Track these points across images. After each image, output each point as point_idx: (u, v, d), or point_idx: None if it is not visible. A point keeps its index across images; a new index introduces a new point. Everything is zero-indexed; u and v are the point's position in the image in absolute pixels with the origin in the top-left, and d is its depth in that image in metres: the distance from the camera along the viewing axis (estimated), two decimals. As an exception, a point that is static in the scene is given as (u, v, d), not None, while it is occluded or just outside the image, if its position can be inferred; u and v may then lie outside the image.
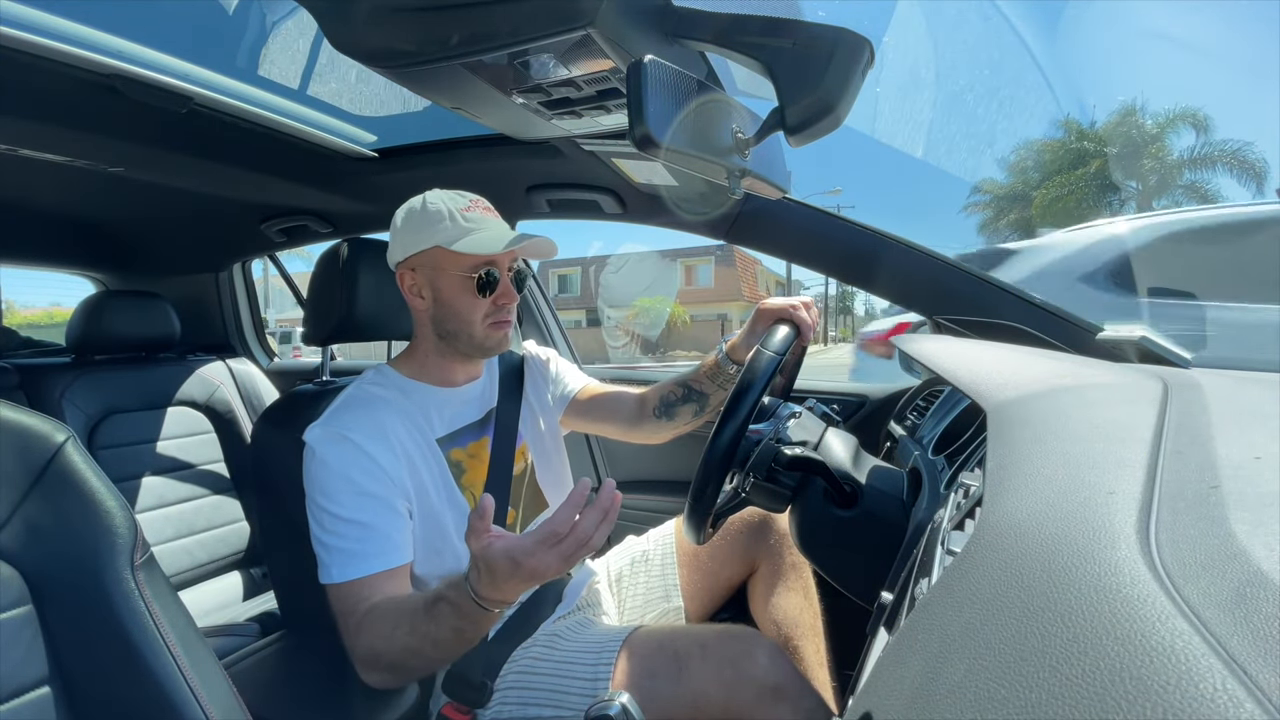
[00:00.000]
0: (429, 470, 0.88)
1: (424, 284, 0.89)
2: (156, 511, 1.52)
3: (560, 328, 1.86)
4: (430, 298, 0.90)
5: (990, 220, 19.54)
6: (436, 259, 0.87)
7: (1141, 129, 16.94)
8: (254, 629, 1.29)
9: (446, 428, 0.93)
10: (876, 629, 0.56)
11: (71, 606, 0.51)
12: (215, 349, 1.93)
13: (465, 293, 0.88)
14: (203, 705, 0.52)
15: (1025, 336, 1.12)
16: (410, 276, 0.90)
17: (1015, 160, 20.50)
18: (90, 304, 1.55)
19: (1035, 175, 19.09)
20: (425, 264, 0.88)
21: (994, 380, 0.59)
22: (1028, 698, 0.22)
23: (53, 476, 0.52)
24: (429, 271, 0.88)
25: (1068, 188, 16.76)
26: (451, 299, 0.88)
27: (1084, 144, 17.51)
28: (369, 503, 0.80)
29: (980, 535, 0.34)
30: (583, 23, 0.64)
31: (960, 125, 47.85)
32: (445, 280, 0.88)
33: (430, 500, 0.87)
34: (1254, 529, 0.26)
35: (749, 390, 0.74)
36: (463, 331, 0.90)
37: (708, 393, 1.05)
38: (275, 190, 1.52)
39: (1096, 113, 19.10)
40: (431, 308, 0.90)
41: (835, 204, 27.22)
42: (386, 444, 0.84)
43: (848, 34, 0.57)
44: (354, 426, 0.84)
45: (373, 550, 0.79)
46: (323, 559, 0.80)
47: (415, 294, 0.90)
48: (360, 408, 0.87)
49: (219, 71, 1.12)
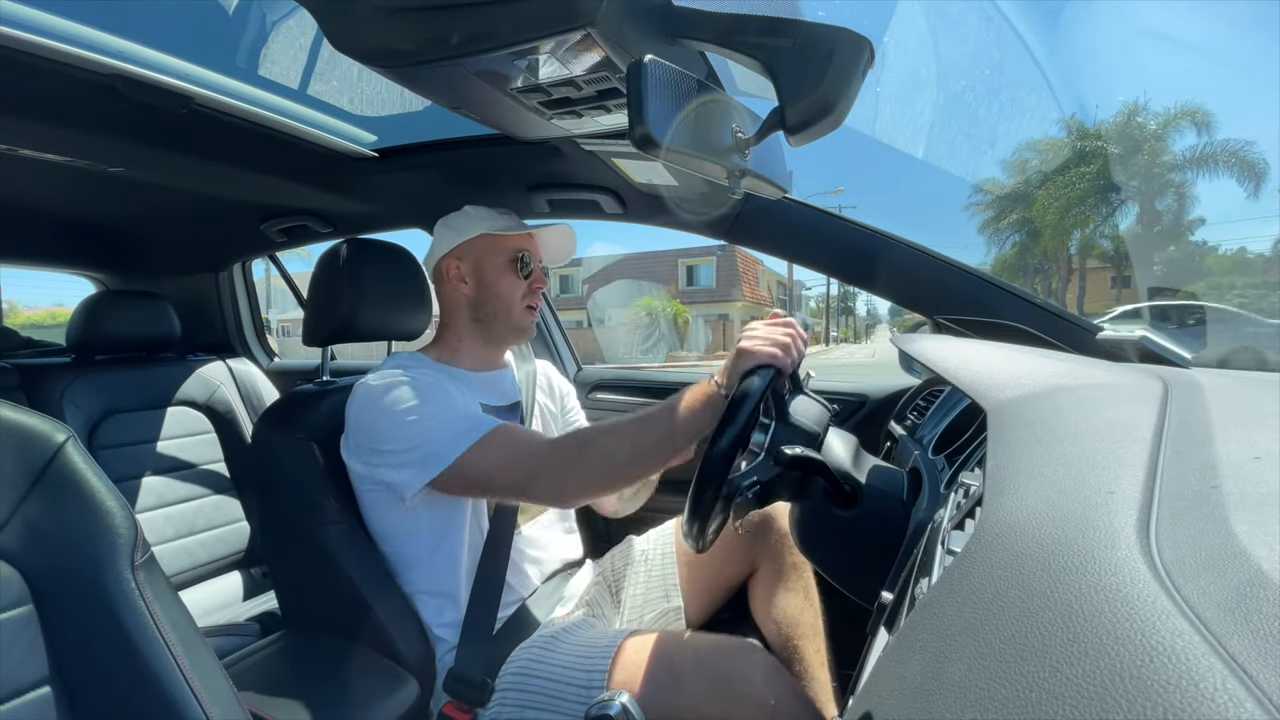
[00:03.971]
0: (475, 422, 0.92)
1: (468, 270, 1.00)
2: (157, 511, 1.52)
3: (560, 327, 1.86)
4: (474, 282, 1.00)
5: (992, 220, 19.46)
6: (482, 245, 0.99)
7: (1144, 128, 16.89)
8: (254, 629, 1.29)
9: (484, 401, 0.99)
10: (877, 629, 0.56)
11: (72, 606, 0.51)
12: (215, 349, 1.93)
13: (508, 273, 0.99)
14: (203, 705, 0.52)
15: (1025, 336, 1.12)
16: (455, 266, 1.00)
17: (1017, 160, 20.41)
18: (90, 304, 1.55)
19: (1037, 175, 19.02)
20: (471, 251, 1.00)
21: (994, 380, 0.59)
22: (1028, 697, 0.22)
23: (53, 476, 0.52)
24: (474, 258, 0.99)
25: (1070, 187, 16.69)
26: (495, 280, 0.99)
27: (1086, 143, 17.45)
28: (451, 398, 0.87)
29: (980, 535, 0.34)
30: (583, 22, 0.64)
31: (961, 125, 47.79)
32: (490, 263, 0.99)
33: None
34: (1254, 529, 0.26)
35: (743, 403, 0.73)
36: (502, 312, 1.00)
37: None
38: (275, 190, 1.52)
39: (1099, 112, 18.97)
40: (474, 291, 1.00)
41: (837, 204, 27.09)
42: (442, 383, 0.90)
43: (848, 34, 0.57)
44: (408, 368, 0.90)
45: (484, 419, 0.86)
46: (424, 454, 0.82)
47: (459, 280, 1.00)
48: (405, 367, 0.92)
49: (219, 71, 1.12)
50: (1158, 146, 16.64)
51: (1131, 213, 17.37)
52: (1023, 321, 1.13)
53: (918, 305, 1.24)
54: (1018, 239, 19.19)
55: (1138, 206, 17.21)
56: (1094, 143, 17.08)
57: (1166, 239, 16.90)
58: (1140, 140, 16.69)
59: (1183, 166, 16.19)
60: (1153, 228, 16.89)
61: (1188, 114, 16.33)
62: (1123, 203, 17.30)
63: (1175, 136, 16.50)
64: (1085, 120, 17.92)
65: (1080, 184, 16.46)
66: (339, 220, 1.70)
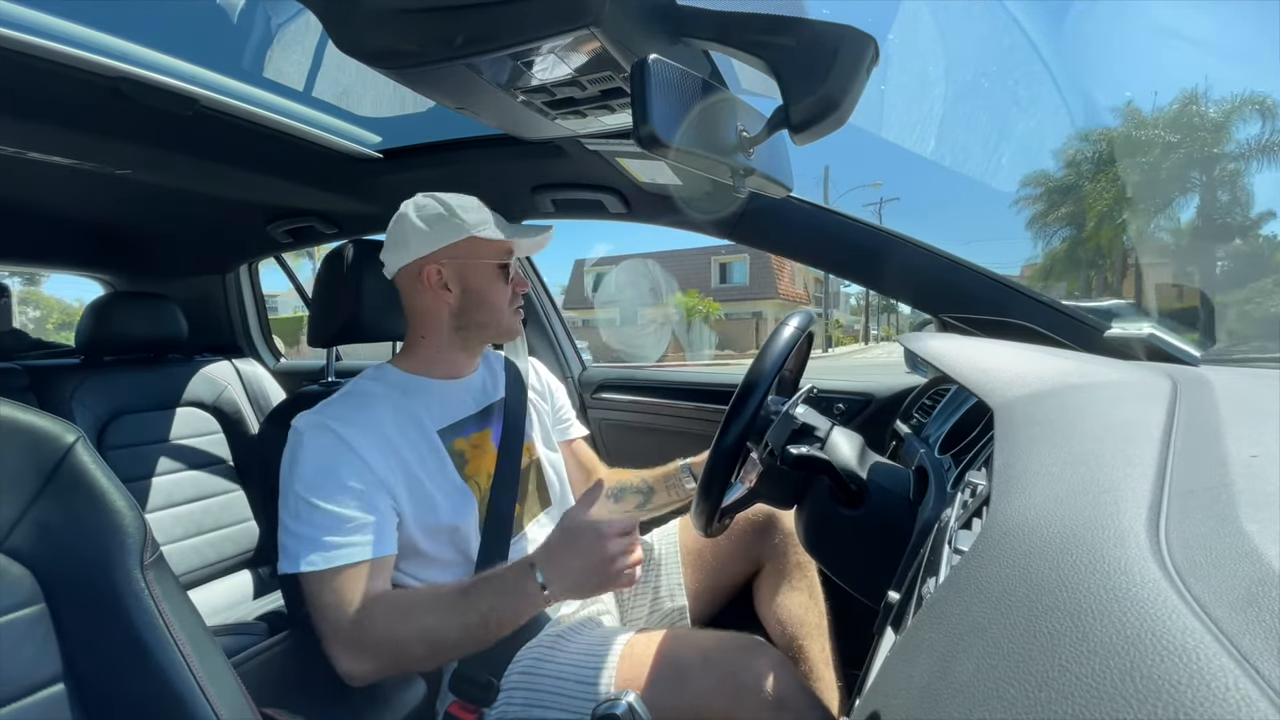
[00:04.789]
0: (424, 463, 0.88)
1: (452, 276, 0.91)
2: (165, 511, 1.53)
3: (563, 323, 1.86)
4: (460, 289, 0.92)
5: (1041, 214, 17.99)
6: (468, 250, 0.90)
7: (1204, 116, 15.84)
8: (262, 628, 1.29)
9: (448, 419, 0.94)
10: (883, 628, 0.56)
11: (83, 605, 0.52)
12: (222, 350, 1.95)
13: (496, 280, 0.93)
14: (211, 703, 0.53)
15: (1032, 335, 1.12)
16: (437, 272, 0.91)
17: (1068, 150, 18.56)
18: (99, 306, 1.56)
19: (1089, 165, 17.89)
20: (456, 255, 0.91)
21: (1001, 379, 0.59)
22: (1037, 696, 0.22)
23: (63, 477, 0.52)
24: (459, 263, 0.91)
25: (1124, 178, 15.58)
26: (485, 288, 0.93)
27: (1143, 132, 16.33)
28: (348, 495, 0.80)
29: (988, 534, 0.34)
30: (586, 22, 0.64)
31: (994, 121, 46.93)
32: (476, 269, 0.92)
33: (428, 491, 0.88)
34: (1265, 527, 0.26)
35: (749, 396, 0.74)
36: (491, 320, 0.94)
37: (656, 490, 1.13)
38: (281, 192, 1.53)
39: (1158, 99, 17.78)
40: (459, 299, 0.92)
41: (878, 197, 25.95)
42: (370, 438, 0.84)
43: (852, 32, 0.56)
44: (342, 419, 0.84)
45: (366, 537, 0.79)
46: (288, 547, 0.78)
47: (440, 287, 0.92)
48: (351, 401, 0.89)
49: (224, 74, 1.12)
50: (1219, 135, 15.50)
51: (1192, 205, 16.08)
52: (1029, 320, 1.12)
53: (924, 303, 1.23)
54: (1068, 232, 17.94)
55: (1199, 198, 16.08)
56: (1151, 132, 15.93)
57: (1230, 232, 15.90)
58: (1200, 128, 15.52)
59: (1248, 156, 15.08)
60: (1215, 221, 15.87)
61: (1254, 101, 15.13)
62: (1182, 194, 16.10)
63: (1240, 125, 15.29)
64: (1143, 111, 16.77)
65: (1135, 175, 15.34)
66: (344, 221, 1.71)
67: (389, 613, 0.76)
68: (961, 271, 1.18)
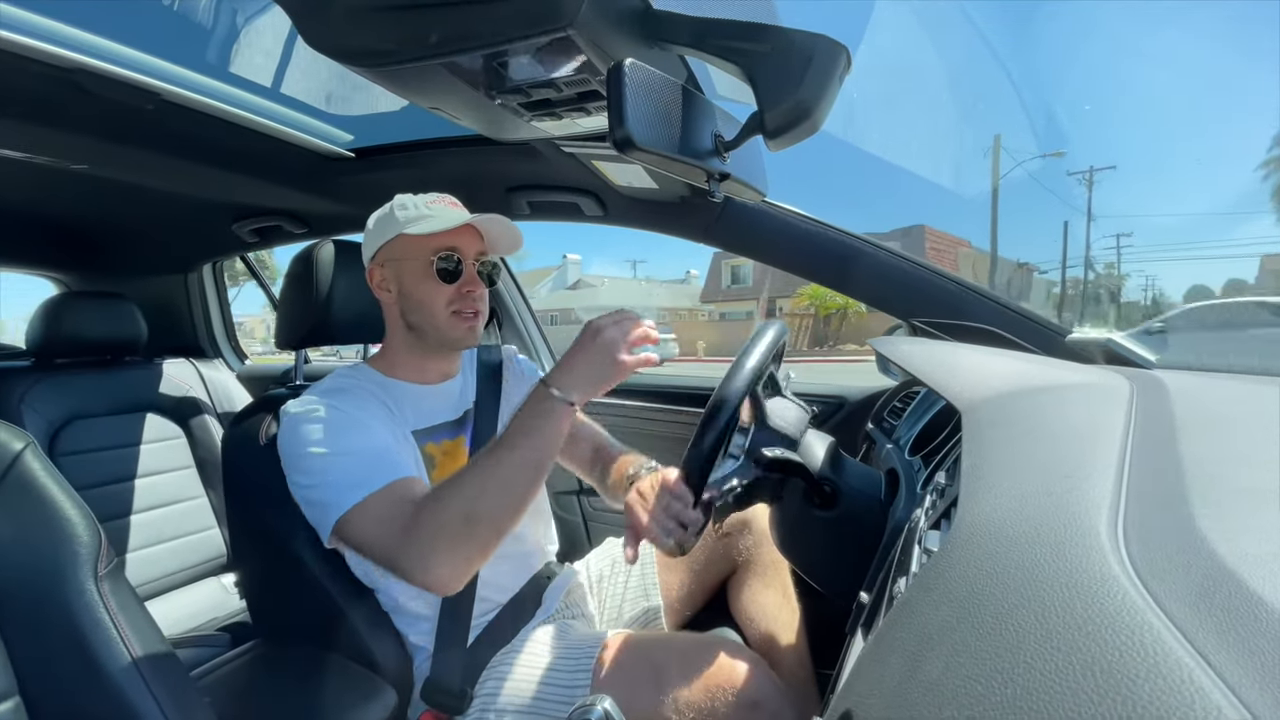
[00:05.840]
0: (404, 455, 0.87)
1: (390, 276, 0.91)
2: (122, 520, 1.48)
3: (540, 329, 1.85)
4: (396, 289, 0.91)
5: None
6: (399, 248, 0.89)
7: None
8: (225, 639, 1.25)
9: (423, 422, 0.93)
10: (855, 629, 0.56)
11: (33, 619, 0.49)
12: (185, 352, 1.88)
13: (427, 279, 0.89)
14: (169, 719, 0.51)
15: (997, 339, 1.15)
16: (379, 272, 0.92)
17: None
18: (51, 305, 1.49)
19: None
20: (391, 255, 0.90)
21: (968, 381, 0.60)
22: (1004, 693, 0.23)
23: (11, 486, 0.50)
24: (395, 263, 0.90)
25: None
26: (414, 287, 0.89)
27: None
28: (363, 434, 0.81)
29: (956, 534, 0.35)
30: (563, 24, 0.64)
31: None
32: (408, 268, 0.89)
33: None
34: (1216, 524, 0.27)
35: (723, 406, 0.73)
36: (426, 323, 0.90)
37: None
38: (247, 189, 1.49)
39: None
40: (398, 300, 0.91)
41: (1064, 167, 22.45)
42: (369, 412, 0.84)
43: (825, 40, 0.57)
44: (333, 394, 0.85)
45: (387, 465, 0.79)
46: (325, 500, 0.77)
47: (384, 288, 0.92)
48: (338, 388, 0.88)
49: (188, 67, 1.09)
50: None
51: None
52: (994, 324, 1.16)
53: (894, 308, 1.26)
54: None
55: None
56: None
57: None
58: None
59: None
60: None
61: None
62: None
63: None
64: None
65: None
66: (314, 221, 1.67)
67: (427, 506, 0.73)
68: (930, 277, 1.20)
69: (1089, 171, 19.05)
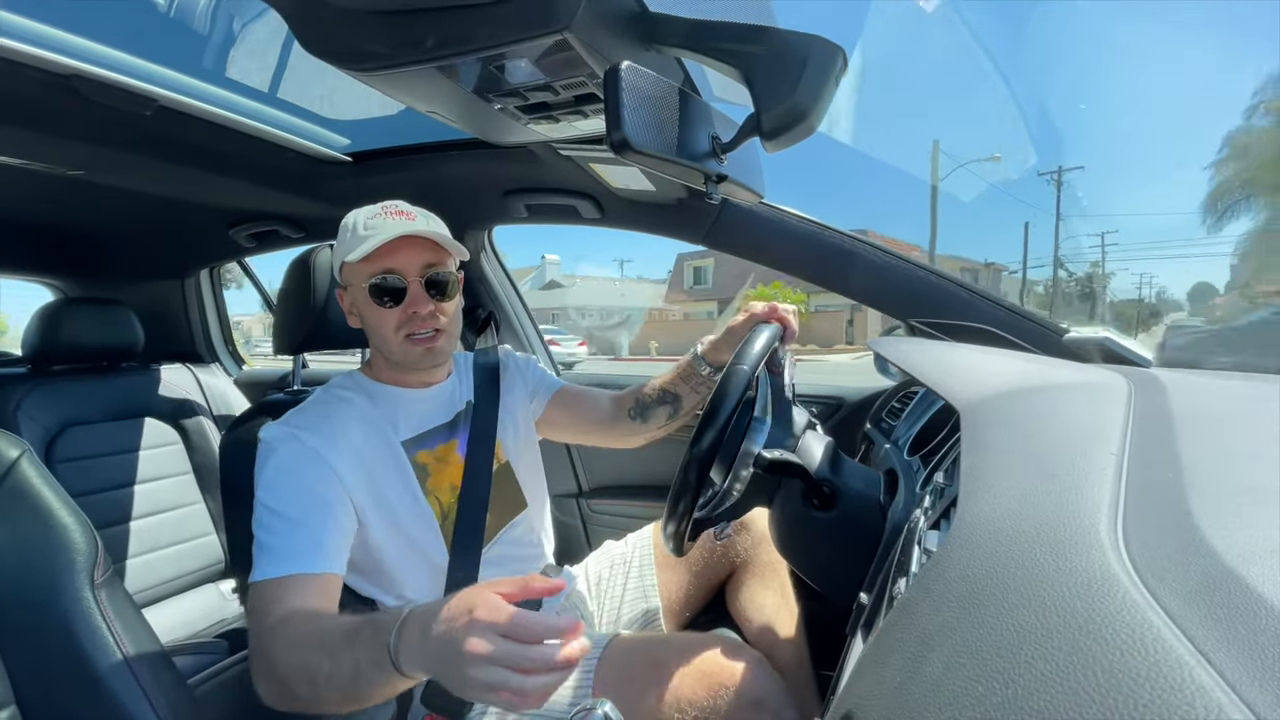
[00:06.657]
0: (388, 475, 0.86)
1: (349, 300, 0.89)
2: (119, 527, 1.47)
3: (539, 333, 1.84)
4: (358, 315, 0.89)
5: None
6: (347, 273, 0.87)
7: None
8: (223, 646, 1.25)
9: (413, 430, 0.92)
10: (855, 630, 0.56)
11: (29, 627, 0.49)
12: (182, 358, 1.88)
13: (369, 305, 0.85)
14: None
15: (995, 338, 1.15)
16: (344, 296, 0.90)
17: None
18: (47, 312, 1.49)
19: None
20: (345, 280, 0.88)
21: (966, 381, 0.61)
22: (1004, 693, 0.23)
23: (7, 493, 0.50)
24: (350, 289, 0.88)
25: None
26: (364, 313, 0.87)
27: None
28: (307, 501, 0.77)
29: (956, 534, 0.35)
30: (559, 27, 0.64)
31: None
32: (358, 295, 0.86)
33: (391, 504, 0.85)
34: (1215, 521, 0.27)
35: (721, 405, 0.72)
36: (382, 348, 0.88)
37: (681, 395, 1.05)
38: (244, 195, 1.49)
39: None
40: (362, 324, 0.89)
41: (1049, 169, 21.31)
42: (339, 448, 0.82)
43: (821, 41, 0.58)
44: (308, 427, 0.82)
45: (296, 550, 0.73)
46: (255, 559, 0.74)
47: (351, 313, 0.90)
48: (319, 410, 0.86)
49: (185, 73, 1.09)
50: None
51: None
52: (992, 324, 1.16)
53: (892, 309, 1.26)
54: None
55: None
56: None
57: None
58: None
59: None
60: None
61: None
62: None
63: None
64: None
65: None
66: (310, 226, 1.67)
67: (286, 637, 0.65)
68: (928, 277, 1.20)
69: (1058, 171, 19.51)
